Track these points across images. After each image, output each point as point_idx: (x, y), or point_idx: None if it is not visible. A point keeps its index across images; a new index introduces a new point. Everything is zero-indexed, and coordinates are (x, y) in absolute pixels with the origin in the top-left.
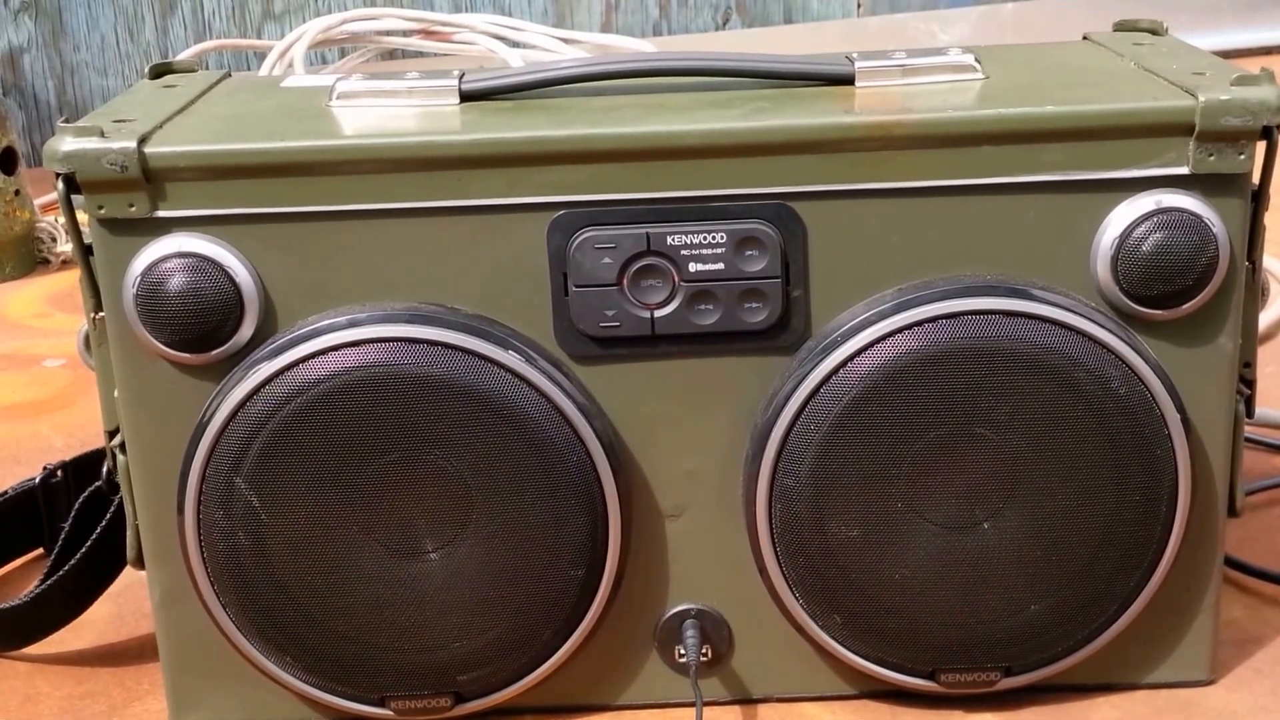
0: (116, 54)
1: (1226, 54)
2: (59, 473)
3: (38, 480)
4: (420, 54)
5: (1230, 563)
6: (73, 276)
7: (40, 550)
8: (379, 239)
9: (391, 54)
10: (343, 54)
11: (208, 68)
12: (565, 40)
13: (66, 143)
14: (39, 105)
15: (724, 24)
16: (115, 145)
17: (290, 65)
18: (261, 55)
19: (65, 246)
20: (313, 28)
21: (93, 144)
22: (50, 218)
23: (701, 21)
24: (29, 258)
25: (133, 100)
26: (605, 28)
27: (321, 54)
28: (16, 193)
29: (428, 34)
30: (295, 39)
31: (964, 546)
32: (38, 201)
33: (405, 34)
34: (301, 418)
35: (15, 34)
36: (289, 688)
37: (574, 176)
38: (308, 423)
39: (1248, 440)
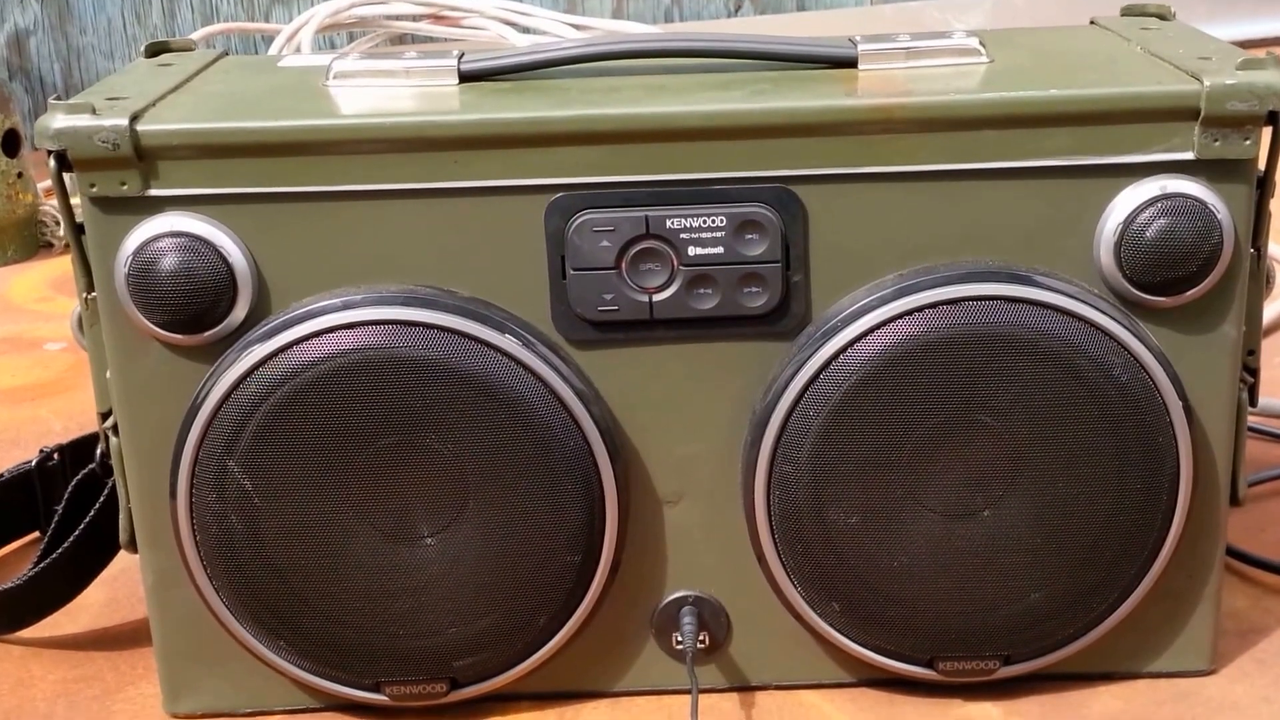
0: (123, 37)
1: (1237, 45)
2: (56, 455)
3: (34, 463)
4: (429, 39)
5: (1233, 553)
6: None
7: (36, 533)
8: (375, 220)
9: (400, 39)
10: (350, 39)
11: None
12: (575, 26)
13: (58, 120)
14: (45, 88)
15: (736, 10)
16: (107, 123)
17: (298, 50)
18: (269, 40)
19: None
20: (320, 12)
21: (84, 121)
22: (53, 201)
23: (714, 8)
24: (31, 241)
25: (127, 78)
26: (616, 14)
27: (330, 39)
28: (19, 175)
29: (437, 19)
30: (303, 23)
31: (964, 534)
32: (41, 185)
33: (414, 19)
34: (295, 400)
35: (22, 16)
36: (283, 672)
37: (573, 158)
38: (302, 405)
39: (1252, 430)
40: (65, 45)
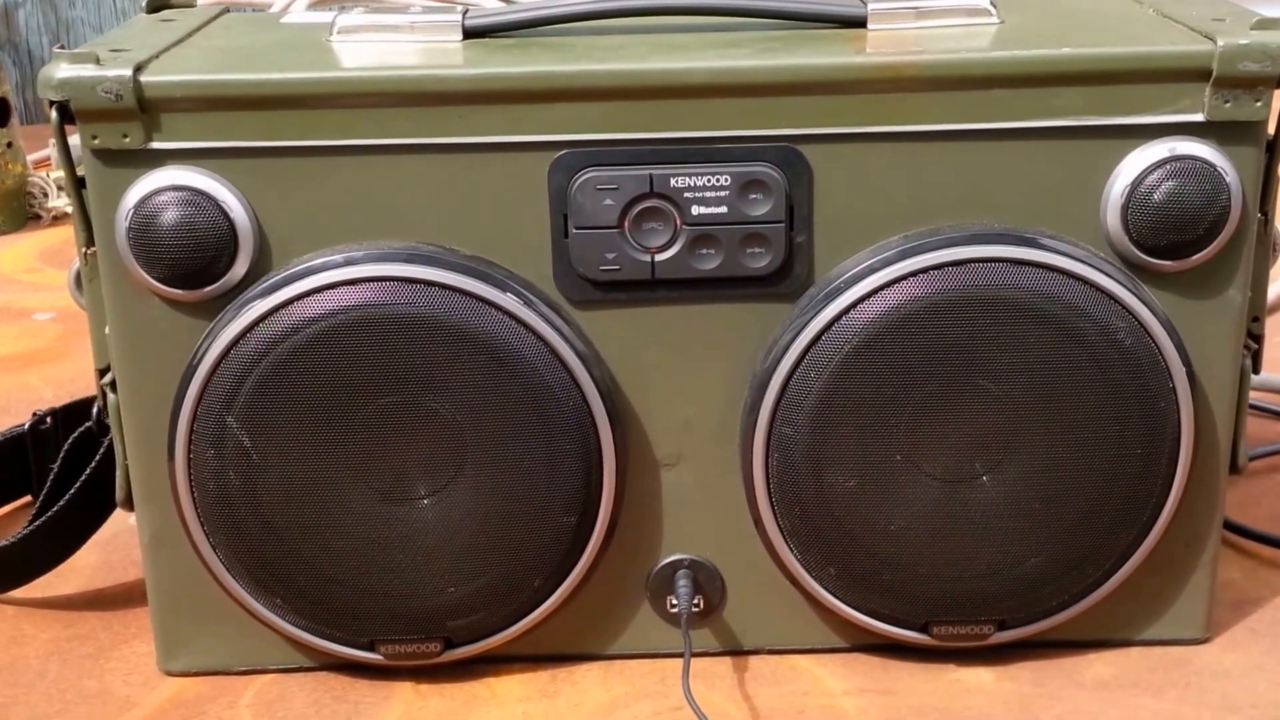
0: (113, 9)
1: None
2: (48, 419)
3: (27, 426)
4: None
5: (1230, 526)
6: (64, 232)
7: (29, 497)
8: (377, 176)
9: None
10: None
11: None
12: None
13: (61, 69)
14: (33, 61)
15: None
16: (110, 73)
17: None
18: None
19: (57, 201)
20: None
21: (88, 71)
22: (43, 173)
23: None
24: (20, 212)
25: (129, 31)
26: None
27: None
28: (9, 145)
29: None
30: None
31: (962, 499)
32: (31, 157)
33: None
34: (294, 357)
35: None
36: (278, 630)
37: (577, 115)
38: (301, 362)
39: (1250, 407)
40: (54, 18)
